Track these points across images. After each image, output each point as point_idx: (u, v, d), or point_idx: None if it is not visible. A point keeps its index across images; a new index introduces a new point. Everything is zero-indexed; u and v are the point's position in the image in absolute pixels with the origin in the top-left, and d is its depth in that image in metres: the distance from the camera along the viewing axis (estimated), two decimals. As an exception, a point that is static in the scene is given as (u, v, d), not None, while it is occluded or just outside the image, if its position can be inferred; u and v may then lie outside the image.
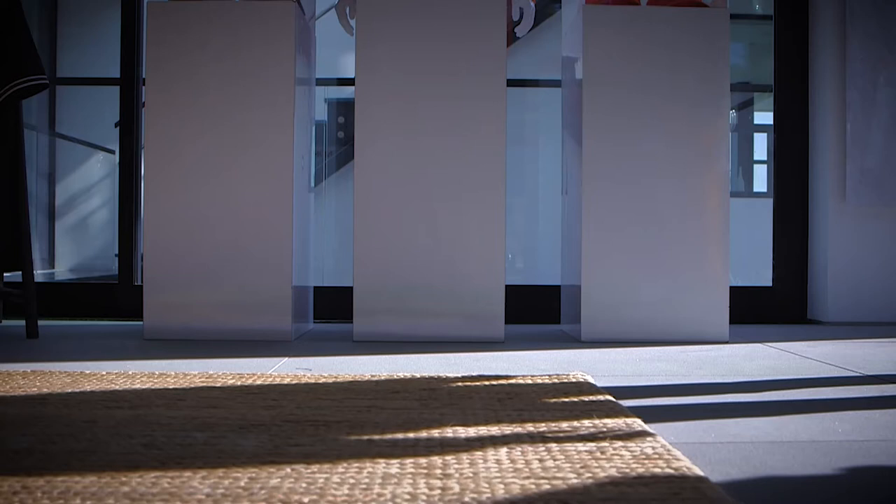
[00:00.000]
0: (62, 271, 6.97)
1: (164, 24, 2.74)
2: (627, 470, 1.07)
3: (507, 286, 2.71)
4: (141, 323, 2.75)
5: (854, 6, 3.39)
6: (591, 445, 1.21)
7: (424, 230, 2.70)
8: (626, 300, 2.76)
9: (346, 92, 4.61)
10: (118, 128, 3.56)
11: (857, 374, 2.08)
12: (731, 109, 7.72)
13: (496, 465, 1.09)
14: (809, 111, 3.58)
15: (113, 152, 7.02)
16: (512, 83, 2.81)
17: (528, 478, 1.03)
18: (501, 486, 0.99)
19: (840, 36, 3.43)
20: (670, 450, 1.18)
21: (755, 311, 3.46)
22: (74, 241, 7.24)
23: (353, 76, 2.72)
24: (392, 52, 2.71)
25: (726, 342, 2.73)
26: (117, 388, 1.71)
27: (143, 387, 1.72)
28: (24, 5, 2.79)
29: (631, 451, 1.17)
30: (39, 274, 4.25)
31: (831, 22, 3.44)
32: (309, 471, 1.06)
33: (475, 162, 2.70)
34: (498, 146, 2.70)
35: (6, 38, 2.68)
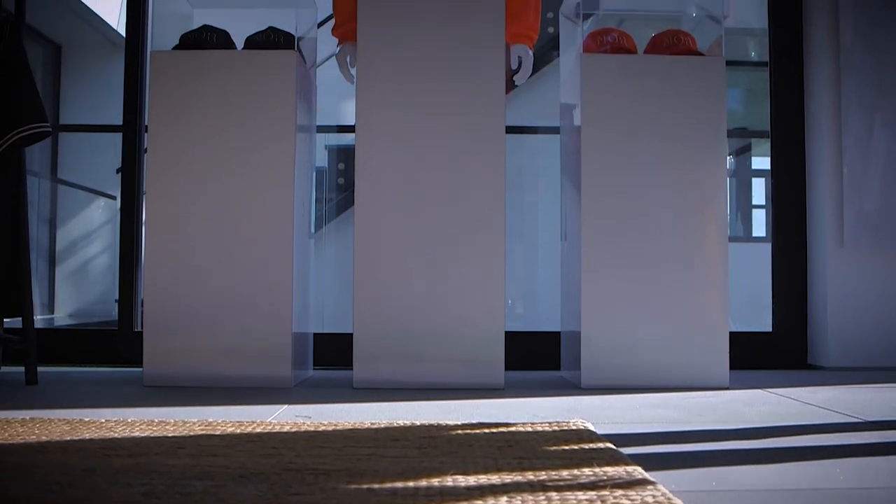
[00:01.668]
0: (62, 316, 6.96)
1: (168, 72, 2.77)
2: (628, 519, 1.07)
3: (507, 332, 2.71)
4: (140, 369, 2.74)
5: (848, 53, 3.43)
6: (591, 494, 1.21)
7: (424, 276, 2.70)
8: (626, 346, 2.76)
9: (347, 139, 4.64)
10: (119, 174, 3.58)
11: (859, 421, 2.07)
12: (729, 155, 7.76)
13: (496, 515, 1.09)
14: (806, 156, 3.61)
15: (114, 198, 7.06)
16: (511, 130, 2.84)
17: (528, 527, 1.03)
18: (502, 535, 0.99)
19: (835, 82, 3.46)
20: (671, 498, 1.17)
21: (755, 357, 3.45)
22: (74, 287, 7.25)
23: (353, 123, 2.74)
24: (392, 99, 2.73)
25: (727, 388, 2.72)
26: (116, 435, 1.71)
27: (143, 434, 1.72)
28: (29, 52, 2.82)
29: (632, 500, 1.17)
30: (39, 319, 4.25)
31: (826, 68, 3.48)
32: (308, 520, 1.05)
33: (475, 207, 2.71)
34: (497, 192, 2.72)
35: (10, 86, 2.71)
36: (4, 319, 2.86)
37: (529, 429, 1.81)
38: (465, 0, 2.74)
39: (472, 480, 1.31)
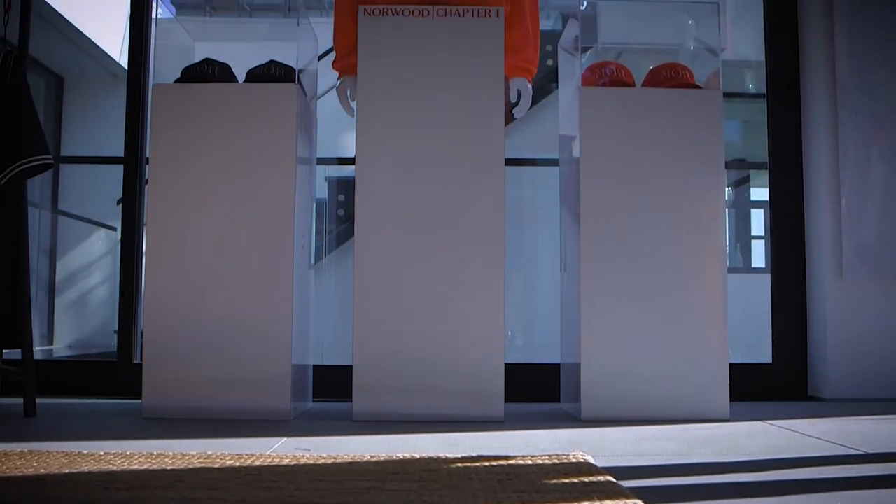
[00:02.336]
0: (61, 347, 6.95)
1: (169, 104, 2.79)
2: (629, 554, 1.06)
3: (506, 364, 2.70)
4: (139, 401, 2.74)
5: (845, 85, 3.45)
6: (591, 528, 1.20)
7: (424, 308, 2.70)
8: (626, 378, 2.76)
9: (347, 170, 4.66)
10: (120, 205, 3.59)
11: (859, 453, 2.06)
12: (728, 186, 7.79)
13: (496, 549, 1.08)
14: (804, 188, 3.62)
15: (114, 229, 7.07)
16: (510, 161, 2.85)
17: (528, 562, 1.02)
18: (502, 570, 0.98)
19: (832, 115, 3.48)
20: (672, 533, 1.17)
21: (756, 388, 3.45)
22: (74, 318, 7.24)
23: (353, 155, 2.75)
24: (392, 131, 2.75)
25: (727, 420, 2.71)
26: (115, 468, 1.70)
27: (141, 467, 1.71)
28: (31, 84, 2.84)
29: (632, 534, 1.16)
30: (38, 350, 4.25)
31: (823, 101, 3.50)
32: (308, 555, 1.05)
33: (475, 239, 2.72)
34: (497, 223, 2.73)
35: (14, 118, 2.73)
36: (4, 350, 2.85)
37: (529, 462, 1.81)
38: (464, 33, 2.77)
39: (471, 514, 1.30)
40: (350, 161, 2.92)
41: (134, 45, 3.63)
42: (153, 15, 3.53)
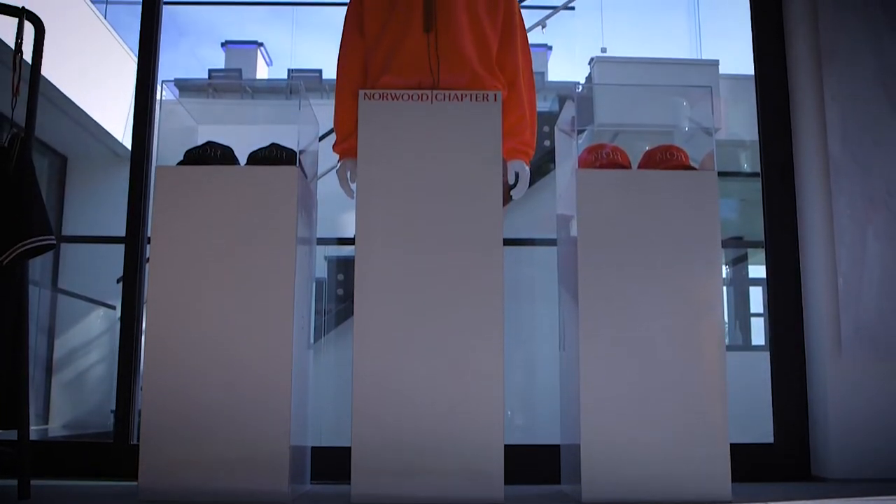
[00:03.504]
0: (56, 427, 6.89)
1: (172, 185, 2.83)
2: None
3: (506, 445, 2.69)
4: (136, 483, 2.71)
5: (838, 166, 3.50)
6: None
7: (423, 388, 2.70)
8: (627, 458, 2.73)
9: (346, 250, 4.70)
10: (120, 283, 3.61)
11: (864, 536, 2.04)
12: (726, 264, 7.84)
13: None
14: (802, 266, 3.64)
15: (113, 308, 7.08)
16: (509, 242, 2.88)
17: None
18: None
19: (826, 193, 3.52)
20: None
21: (757, 468, 3.41)
22: (70, 397, 7.20)
23: (352, 235, 2.78)
24: (391, 212, 2.78)
25: (729, 501, 2.68)
26: (110, 554, 1.68)
27: (137, 553, 1.69)
28: (35, 163, 2.88)
29: None
30: (33, 430, 4.21)
31: (817, 179, 3.55)
32: None
33: (474, 320, 2.73)
34: (496, 303, 2.74)
35: (18, 199, 2.76)
36: None
37: (529, 546, 1.79)
38: (462, 117, 2.82)
39: None
40: (350, 241, 2.95)
41: (138, 126, 3.70)
42: (158, 97, 3.60)
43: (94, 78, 7.08)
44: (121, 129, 7.40)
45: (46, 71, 3.05)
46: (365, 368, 2.71)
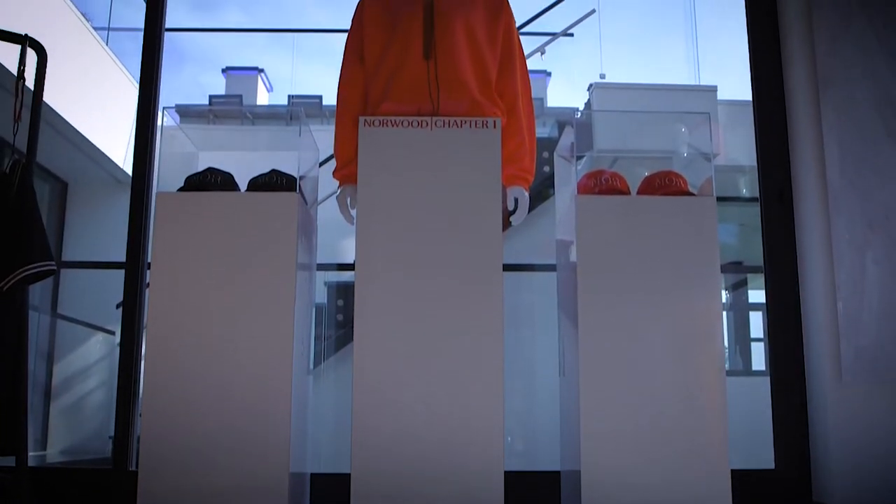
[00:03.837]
0: (54, 453, 6.86)
1: (172, 212, 2.84)
2: None
3: (506, 472, 2.68)
4: (134, 510, 2.70)
5: (836, 192, 3.51)
6: None
7: (423, 414, 2.69)
8: (627, 484, 2.72)
9: (346, 276, 4.71)
10: (120, 308, 3.61)
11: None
12: (725, 289, 7.85)
13: None
14: (801, 291, 3.65)
15: (112, 333, 7.08)
16: (508, 267, 2.88)
17: None
18: None
19: (824, 218, 3.53)
20: None
21: (758, 495, 3.40)
22: (69, 423, 7.17)
23: (352, 261, 2.79)
24: (391, 238, 2.79)
25: (731, 528, 2.67)
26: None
27: (135, 581, 1.68)
28: (36, 189, 2.90)
29: None
30: (31, 456, 4.21)
31: (815, 204, 3.56)
32: None
33: (473, 345, 2.73)
34: (496, 328, 2.74)
35: (19, 225, 2.77)
36: (-2, 458, 2.83)
37: (530, 573, 1.78)
38: (462, 143, 2.84)
39: None
40: (349, 267, 2.96)
41: (138, 152, 3.71)
42: (159, 123, 3.62)
43: (95, 103, 7.12)
44: (121, 154, 7.43)
45: (48, 96, 3.07)
46: (364, 394, 2.70)
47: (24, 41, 2.96)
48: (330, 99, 10.33)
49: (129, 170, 3.75)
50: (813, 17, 3.67)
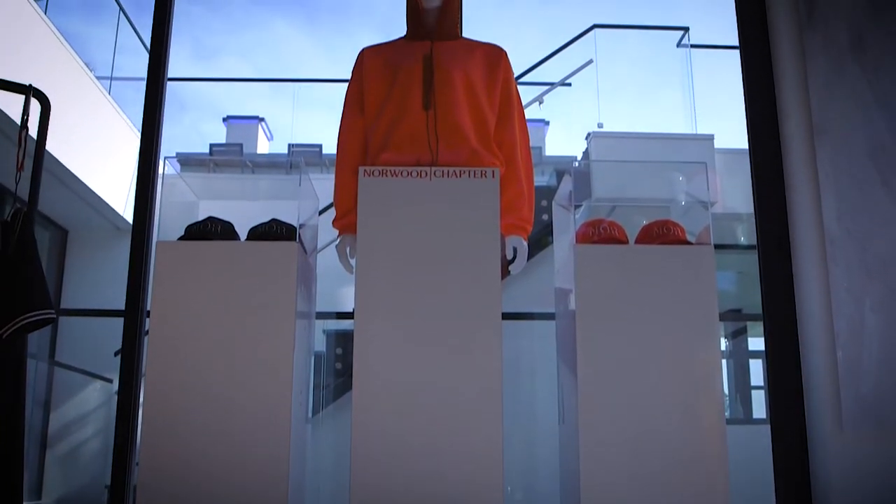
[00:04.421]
0: (48, 502, 6.79)
1: (173, 260, 2.85)
2: None
3: (505, 521, 2.66)
4: (129, 562, 2.67)
5: (834, 240, 3.53)
6: None
7: (422, 463, 2.67)
8: (628, 534, 2.70)
9: (345, 324, 4.70)
10: (118, 356, 3.60)
11: None
12: (725, 337, 7.83)
13: None
14: (800, 339, 3.64)
15: (110, 381, 7.05)
16: (507, 316, 2.88)
17: None
18: None
19: (822, 267, 3.53)
20: None
21: (761, 545, 3.37)
22: (64, 471, 7.11)
23: (351, 310, 2.79)
24: (390, 288, 2.79)
25: (732, 580, 2.64)
26: None
27: None
28: (36, 236, 2.91)
29: None
30: (26, 507, 4.16)
31: (813, 253, 3.56)
32: None
33: (472, 393, 2.72)
34: (494, 377, 2.73)
35: (20, 274, 2.78)
36: (-8, 508, 2.81)
37: None
38: (461, 193, 2.86)
39: None
40: (348, 315, 2.96)
41: (139, 200, 3.72)
42: (160, 172, 3.64)
43: (96, 151, 7.17)
44: (122, 202, 7.46)
45: (49, 143, 3.09)
46: (363, 442, 2.69)
47: (29, 91, 2.99)
48: (330, 148, 10.42)
49: (129, 218, 3.77)
50: (807, 66, 3.71)
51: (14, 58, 5.59)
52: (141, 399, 3.13)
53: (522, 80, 7.33)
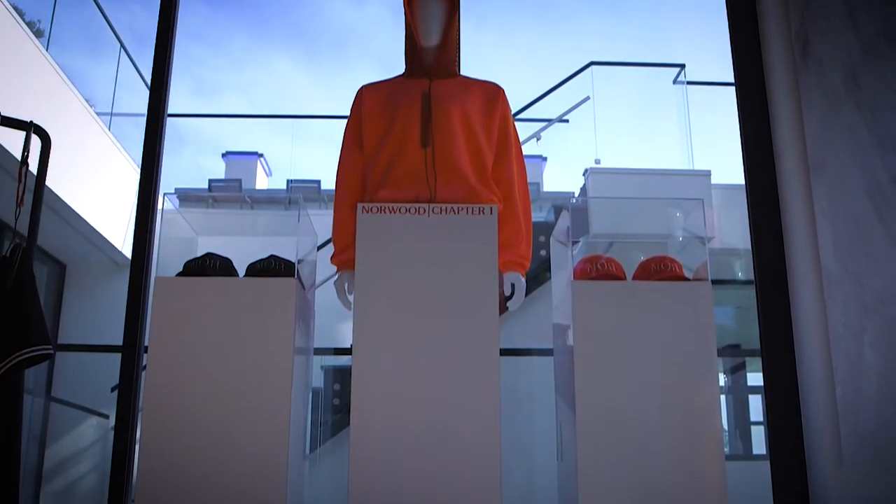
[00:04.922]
0: (43, 541, 6.73)
1: (171, 296, 2.85)
2: None
3: (504, 560, 2.64)
4: None
5: (831, 276, 3.53)
6: None
7: (421, 500, 2.66)
8: (627, 573, 2.68)
9: (343, 360, 4.70)
10: (115, 392, 3.58)
11: None
12: (723, 372, 7.81)
13: None
14: (799, 375, 3.63)
15: (107, 417, 7.01)
16: (505, 352, 2.89)
17: None
18: None
19: (820, 303, 3.54)
20: None
21: (761, 584, 3.34)
22: (59, 508, 7.05)
23: (349, 346, 2.79)
24: (388, 324, 2.80)
25: None
26: None
27: None
28: (35, 272, 2.91)
29: None
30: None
31: (810, 286, 3.57)
32: None
33: (470, 429, 2.71)
34: (493, 413, 2.73)
35: (18, 309, 2.78)
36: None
37: None
38: (459, 230, 2.87)
39: None
40: (346, 351, 2.96)
41: (138, 235, 3.73)
42: (159, 207, 3.65)
43: (95, 186, 7.19)
44: (121, 237, 7.47)
45: (49, 179, 3.10)
46: (361, 480, 2.68)
47: (30, 128, 3.01)
48: (328, 183, 10.46)
49: (128, 253, 3.78)
50: (802, 102, 3.74)
51: (15, 93, 5.62)
52: (138, 435, 3.11)
53: (520, 116, 7.38)
